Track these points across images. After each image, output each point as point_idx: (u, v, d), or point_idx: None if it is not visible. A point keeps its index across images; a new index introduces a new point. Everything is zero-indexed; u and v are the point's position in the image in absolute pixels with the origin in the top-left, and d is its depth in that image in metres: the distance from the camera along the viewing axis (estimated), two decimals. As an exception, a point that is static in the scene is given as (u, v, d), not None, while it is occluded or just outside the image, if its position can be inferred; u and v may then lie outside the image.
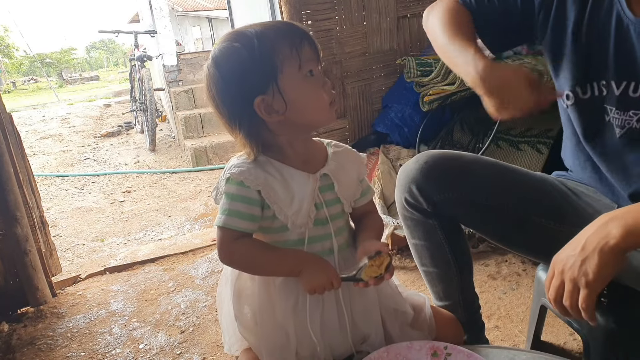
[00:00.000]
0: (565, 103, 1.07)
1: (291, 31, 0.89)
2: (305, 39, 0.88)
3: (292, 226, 0.90)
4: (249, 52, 0.86)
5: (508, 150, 2.20)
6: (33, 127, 8.66)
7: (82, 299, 2.16)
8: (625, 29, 0.92)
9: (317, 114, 0.91)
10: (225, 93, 0.89)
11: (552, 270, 0.84)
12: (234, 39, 0.89)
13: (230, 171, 0.89)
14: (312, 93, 0.89)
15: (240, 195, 0.88)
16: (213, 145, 5.28)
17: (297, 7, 2.29)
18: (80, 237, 3.32)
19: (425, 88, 2.29)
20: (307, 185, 0.90)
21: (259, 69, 0.86)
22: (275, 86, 0.86)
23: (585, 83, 1.01)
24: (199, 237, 2.80)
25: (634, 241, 0.75)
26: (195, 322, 1.89)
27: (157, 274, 2.35)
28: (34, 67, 31.36)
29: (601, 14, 0.96)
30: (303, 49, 0.87)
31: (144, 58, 6.42)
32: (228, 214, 0.88)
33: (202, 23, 20.57)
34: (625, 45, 0.93)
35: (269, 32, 0.88)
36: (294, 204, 0.89)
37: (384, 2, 2.51)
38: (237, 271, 0.95)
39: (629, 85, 0.95)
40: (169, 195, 4.18)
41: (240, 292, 0.95)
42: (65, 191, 4.64)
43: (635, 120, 0.96)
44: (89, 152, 6.44)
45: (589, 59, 0.99)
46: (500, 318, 1.69)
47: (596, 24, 0.97)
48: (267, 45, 0.86)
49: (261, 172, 0.89)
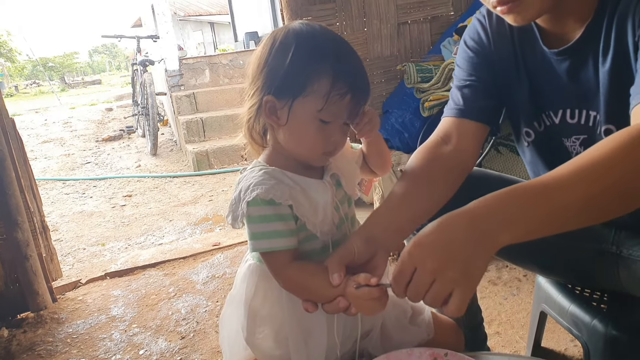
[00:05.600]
0: (527, 141, 1.09)
1: (347, 77, 0.82)
2: (351, 95, 0.82)
3: (321, 234, 0.88)
4: (295, 57, 0.82)
5: (508, 156, 2.20)
6: (35, 131, 8.69)
7: (82, 304, 2.16)
8: (548, 61, 0.98)
9: (304, 152, 0.88)
10: (258, 64, 0.86)
11: (412, 263, 0.70)
12: (301, 34, 0.84)
13: (255, 191, 0.82)
14: (311, 135, 0.85)
15: (274, 214, 0.83)
16: (214, 150, 5.28)
17: (299, 13, 2.30)
18: (81, 242, 3.32)
19: (425, 94, 2.29)
20: (325, 192, 0.89)
21: (289, 77, 0.82)
22: (290, 101, 0.83)
23: (538, 116, 1.05)
24: (199, 242, 2.80)
25: (519, 237, 0.69)
26: (195, 328, 1.89)
27: (158, 279, 2.35)
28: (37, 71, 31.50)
29: (528, 51, 1.01)
30: (338, 101, 0.82)
31: (146, 62, 6.44)
32: (269, 237, 0.83)
33: (204, 28, 20.68)
34: (552, 76, 0.98)
35: (330, 59, 0.82)
36: (319, 213, 0.88)
37: (385, 8, 2.52)
38: (252, 292, 0.92)
39: (565, 112, 0.99)
40: (170, 200, 4.19)
41: (255, 313, 0.92)
42: (66, 195, 4.65)
43: (578, 144, 1.00)
44: (91, 156, 6.45)
45: (534, 94, 1.03)
46: (501, 324, 1.69)
47: (527, 60, 1.02)
48: (315, 67, 0.82)
49: (284, 185, 0.85)
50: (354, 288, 0.78)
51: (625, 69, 0.85)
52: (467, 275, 0.69)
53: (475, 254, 0.68)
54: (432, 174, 0.97)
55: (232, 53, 7.51)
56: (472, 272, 0.69)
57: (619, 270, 0.99)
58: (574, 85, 0.96)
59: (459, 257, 0.68)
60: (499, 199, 0.70)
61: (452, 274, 0.68)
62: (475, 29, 1.10)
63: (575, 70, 0.94)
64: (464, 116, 1.06)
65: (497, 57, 1.06)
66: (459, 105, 1.07)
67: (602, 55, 0.89)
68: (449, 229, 0.69)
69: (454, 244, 0.68)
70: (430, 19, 2.64)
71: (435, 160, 1.00)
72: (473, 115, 1.06)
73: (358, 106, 0.85)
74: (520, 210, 0.68)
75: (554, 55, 0.96)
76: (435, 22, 2.65)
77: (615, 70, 0.87)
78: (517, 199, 0.69)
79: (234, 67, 6.92)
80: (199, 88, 6.67)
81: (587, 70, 0.92)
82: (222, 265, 2.41)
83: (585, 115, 0.96)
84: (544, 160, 1.10)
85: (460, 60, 1.12)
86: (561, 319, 1.14)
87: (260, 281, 0.91)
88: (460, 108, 1.07)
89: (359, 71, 0.85)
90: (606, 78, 0.89)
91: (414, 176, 0.97)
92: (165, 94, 6.98)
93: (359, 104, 0.85)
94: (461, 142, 1.04)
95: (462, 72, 1.11)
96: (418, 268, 0.69)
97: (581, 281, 1.16)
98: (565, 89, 0.97)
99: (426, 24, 2.64)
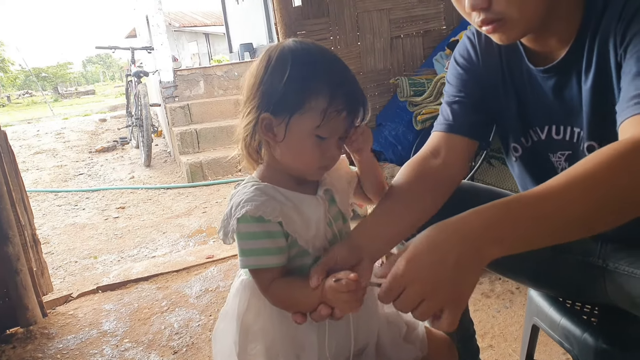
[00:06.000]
0: (515, 156, 1.11)
1: (343, 94, 0.84)
2: (347, 111, 0.84)
3: (313, 249, 0.89)
4: (292, 75, 0.83)
5: (500, 169, 2.22)
6: (27, 142, 8.64)
7: (73, 319, 2.14)
8: (534, 78, 1.00)
9: (300, 167, 0.89)
10: (254, 82, 0.87)
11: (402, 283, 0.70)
12: (297, 52, 0.86)
13: (244, 208, 0.83)
14: (308, 151, 0.86)
15: (263, 231, 0.84)
16: (209, 161, 5.28)
17: (293, 27, 2.32)
18: (73, 254, 3.29)
19: (418, 107, 2.31)
20: (318, 207, 0.90)
21: (286, 95, 0.83)
22: (287, 118, 0.84)
23: (526, 132, 1.06)
24: (193, 255, 2.79)
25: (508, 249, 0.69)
26: (188, 342, 1.88)
27: (151, 292, 2.34)
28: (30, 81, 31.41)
29: (515, 68, 1.03)
30: (335, 117, 0.83)
31: (141, 74, 6.44)
32: (257, 254, 0.84)
33: (199, 38, 20.75)
34: (538, 93, 1.00)
35: (326, 76, 0.84)
36: (311, 229, 0.88)
37: (378, 23, 2.55)
38: (245, 307, 0.92)
39: (550, 128, 1.01)
40: (164, 212, 4.17)
41: (247, 329, 0.92)
42: (58, 207, 4.62)
43: (563, 160, 1.01)
44: (84, 168, 6.42)
45: (521, 110, 1.05)
46: (494, 337, 1.69)
47: (514, 77, 1.04)
48: (312, 84, 0.83)
49: (275, 202, 0.85)
50: (332, 281, 0.78)
51: (607, 87, 0.87)
52: (458, 293, 0.69)
53: (466, 271, 0.69)
54: (419, 187, 0.99)
55: (227, 65, 7.53)
56: (463, 290, 0.70)
57: (605, 284, 1.00)
58: (558, 102, 0.98)
59: (449, 277, 0.68)
60: (489, 212, 0.70)
61: (443, 295, 0.69)
62: (465, 47, 1.11)
63: (559, 88, 0.96)
64: (453, 131, 1.08)
65: (485, 74, 1.08)
66: (448, 120, 1.09)
67: (584, 74, 0.91)
68: (440, 249, 0.69)
69: (445, 266, 0.68)
70: (423, 33, 2.67)
71: (424, 174, 1.02)
72: (462, 130, 1.07)
73: (355, 122, 0.87)
74: (510, 223, 0.69)
75: (540, 72, 0.98)
76: (428, 37, 2.68)
77: (596, 88, 0.89)
78: (506, 212, 0.70)
79: (228, 79, 6.94)
80: (194, 99, 6.68)
81: (571, 88, 0.94)
82: (215, 279, 2.40)
83: (570, 131, 0.98)
84: (531, 174, 1.12)
85: (450, 76, 1.14)
86: (553, 332, 1.15)
87: (253, 297, 0.92)
88: (450, 123, 1.08)
89: (354, 87, 0.87)
90: (588, 96, 0.91)
91: (402, 189, 0.99)
92: (160, 105, 6.98)
93: (355, 119, 0.87)
94: (450, 156, 1.06)
95: (451, 88, 1.12)
96: (407, 288, 0.70)
97: (570, 294, 1.16)
98: (551, 106, 0.99)
99: (419, 38, 2.67)
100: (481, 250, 0.68)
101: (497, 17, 0.85)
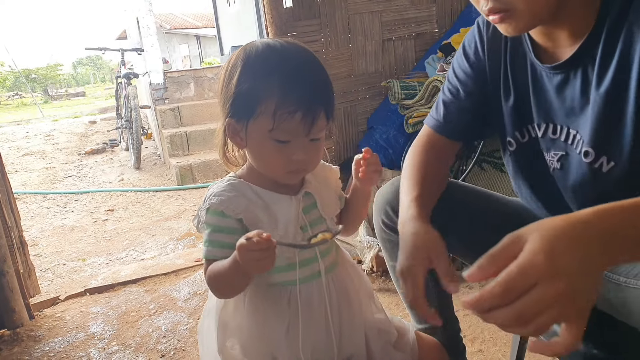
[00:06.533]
0: (509, 150, 1.11)
1: (295, 94, 0.81)
2: (303, 113, 0.81)
3: (280, 251, 0.88)
4: (241, 79, 0.83)
5: (492, 173, 2.22)
6: (16, 144, 8.54)
7: (60, 321, 2.11)
8: (539, 75, 0.97)
9: (267, 171, 0.89)
10: (220, 86, 0.89)
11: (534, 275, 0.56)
12: (250, 55, 0.85)
13: (210, 201, 0.86)
14: (270, 155, 0.86)
15: (221, 225, 0.86)
16: (198, 164, 5.25)
17: (284, 29, 2.32)
18: (61, 257, 3.25)
19: (409, 110, 2.31)
20: (291, 207, 0.89)
21: (239, 99, 0.84)
22: (245, 123, 0.84)
23: (522, 127, 1.05)
24: (182, 258, 2.76)
25: (623, 260, 0.61)
26: (176, 346, 1.86)
27: (139, 295, 2.31)
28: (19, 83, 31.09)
29: (517, 62, 1.02)
30: (288, 120, 0.81)
31: (131, 75, 6.40)
32: (210, 245, 0.87)
33: (190, 41, 20.69)
34: (541, 90, 0.98)
35: (276, 77, 0.82)
36: (279, 229, 0.87)
37: (370, 25, 2.55)
38: (222, 302, 0.93)
39: (547, 127, 0.99)
40: (153, 214, 4.14)
41: (225, 324, 0.93)
42: (46, 209, 4.57)
43: (556, 160, 0.99)
44: (73, 170, 6.36)
45: (519, 105, 1.04)
46: (484, 342, 1.69)
47: (515, 72, 1.03)
48: (260, 87, 0.82)
49: (242, 199, 0.87)
50: (243, 239, 0.76)
51: (623, 96, 0.83)
52: (589, 297, 0.58)
53: (599, 274, 0.59)
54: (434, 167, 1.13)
55: (217, 67, 7.52)
56: (592, 296, 0.58)
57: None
58: (560, 102, 0.95)
59: (591, 275, 0.58)
60: (622, 214, 0.61)
61: (582, 298, 0.57)
62: (474, 36, 1.10)
63: (564, 87, 0.93)
64: (439, 132, 1.16)
65: (488, 67, 1.07)
66: (439, 119, 1.15)
67: (597, 77, 0.86)
68: (581, 243, 0.58)
69: (592, 262, 0.57)
70: (415, 35, 2.68)
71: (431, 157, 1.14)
72: (448, 133, 1.15)
73: (314, 122, 0.83)
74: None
75: (546, 69, 0.95)
76: (420, 39, 2.69)
77: (611, 95, 0.84)
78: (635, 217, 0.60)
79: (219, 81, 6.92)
80: (184, 102, 6.65)
81: (575, 88, 0.91)
82: (204, 282, 2.36)
83: (566, 132, 0.96)
84: (523, 171, 1.11)
85: (456, 65, 1.14)
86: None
87: None
88: (440, 123, 1.15)
89: (311, 86, 0.83)
90: (599, 101, 0.86)
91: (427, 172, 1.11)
92: (150, 107, 6.94)
93: (314, 119, 0.83)
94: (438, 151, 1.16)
95: (454, 81, 1.14)
96: (540, 284, 0.55)
97: None
98: (551, 104, 0.97)
99: (410, 41, 2.68)
100: (614, 252, 0.59)
101: (505, 7, 0.83)
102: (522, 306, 0.55)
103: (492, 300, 0.57)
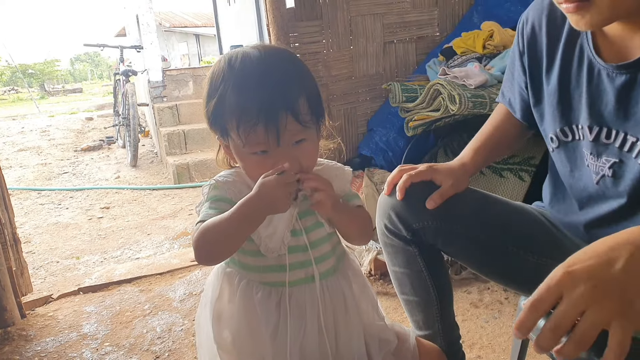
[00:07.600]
0: (551, 146, 1.06)
1: (252, 107, 0.79)
2: (264, 124, 0.79)
3: (265, 250, 0.88)
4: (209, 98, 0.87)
5: (491, 177, 2.21)
6: (11, 139, 8.50)
7: (52, 321, 2.08)
8: (596, 74, 0.91)
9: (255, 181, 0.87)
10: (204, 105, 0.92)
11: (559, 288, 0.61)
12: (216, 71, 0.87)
13: (217, 178, 0.91)
14: (253, 167, 0.87)
15: (224, 196, 0.88)
16: (195, 163, 5.23)
17: (285, 29, 2.30)
18: (55, 254, 3.22)
19: (410, 113, 2.29)
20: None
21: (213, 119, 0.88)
22: (226, 139, 0.88)
23: (566, 126, 0.99)
24: (177, 257, 2.74)
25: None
26: (171, 347, 1.83)
27: (133, 295, 2.29)
28: (16, 78, 30.95)
29: (573, 59, 0.95)
30: (253, 133, 0.81)
31: (129, 73, 6.38)
32: (210, 209, 0.86)
33: (189, 39, 20.64)
34: (597, 90, 0.91)
35: (234, 93, 0.82)
36: (269, 227, 0.87)
37: (371, 27, 2.53)
38: (218, 292, 0.92)
39: (601, 130, 0.92)
40: (149, 213, 4.11)
41: (219, 314, 0.92)
42: (41, 206, 4.53)
43: (607, 167, 0.93)
44: (68, 166, 6.32)
45: (566, 102, 0.98)
46: (483, 348, 1.67)
47: (569, 68, 0.96)
48: (225, 105, 0.83)
49: (244, 187, 0.89)
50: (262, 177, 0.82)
51: None
52: (628, 301, 0.58)
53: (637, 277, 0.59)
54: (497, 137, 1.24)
55: (217, 66, 7.48)
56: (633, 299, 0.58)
57: None
58: (619, 104, 0.88)
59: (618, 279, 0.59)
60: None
61: (611, 302, 0.58)
62: (541, 13, 1.02)
63: (628, 89, 0.85)
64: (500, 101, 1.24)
65: (543, 56, 1.02)
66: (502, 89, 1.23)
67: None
68: (610, 253, 0.60)
69: (613, 266, 0.59)
70: (416, 39, 2.66)
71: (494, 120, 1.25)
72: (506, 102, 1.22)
73: (280, 130, 0.80)
74: None
75: (610, 68, 0.87)
76: (421, 42, 2.68)
77: None
78: None
79: (218, 80, 6.90)
80: (182, 100, 6.62)
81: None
82: (200, 282, 2.35)
83: (623, 138, 0.89)
84: (565, 172, 1.06)
85: (519, 38, 1.09)
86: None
87: (225, 282, 0.93)
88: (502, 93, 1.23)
89: (269, 94, 0.80)
90: None
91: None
92: (148, 105, 6.91)
93: (278, 127, 0.80)
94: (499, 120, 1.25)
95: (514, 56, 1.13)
96: (567, 294, 0.59)
97: None
98: (607, 106, 0.90)
99: (412, 44, 2.66)
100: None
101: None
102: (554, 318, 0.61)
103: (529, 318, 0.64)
